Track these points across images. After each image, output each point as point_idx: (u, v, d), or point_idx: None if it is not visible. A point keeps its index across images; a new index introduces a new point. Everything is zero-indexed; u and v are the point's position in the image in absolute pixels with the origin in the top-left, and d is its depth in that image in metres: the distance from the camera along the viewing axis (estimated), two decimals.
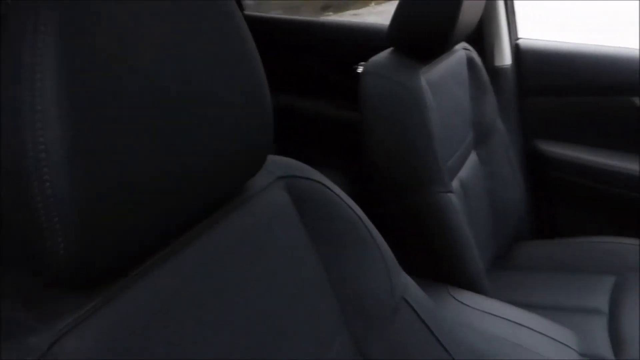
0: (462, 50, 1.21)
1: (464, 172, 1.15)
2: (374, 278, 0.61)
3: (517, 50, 1.42)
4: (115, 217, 0.35)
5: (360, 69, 1.48)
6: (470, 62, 1.22)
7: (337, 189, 0.61)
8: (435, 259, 1.01)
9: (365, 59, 1.09)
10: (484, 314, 0.85)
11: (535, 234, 1.44)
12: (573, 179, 1.39)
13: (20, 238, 0.34)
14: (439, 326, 0.65)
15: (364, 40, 1.55)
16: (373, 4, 7.83)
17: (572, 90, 1.38)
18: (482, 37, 1.40)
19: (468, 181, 1.15)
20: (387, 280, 0.62)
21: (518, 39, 1.44)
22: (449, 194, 0.99)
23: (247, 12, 1.79)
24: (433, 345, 0.64)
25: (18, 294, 0.37)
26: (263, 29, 0.44)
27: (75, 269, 0.34)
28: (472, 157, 1.22)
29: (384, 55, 1.05)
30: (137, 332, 0.38)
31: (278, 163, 0.57)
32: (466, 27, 1.08)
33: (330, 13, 7.23)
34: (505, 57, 1.41)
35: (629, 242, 1.23)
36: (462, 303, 0.87)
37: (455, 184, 1.09)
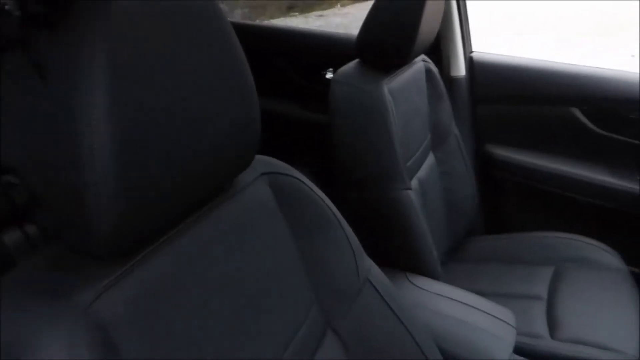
0: (421, 62, 1.31)
1: (423, 171, 1.25)
2: (342, 261, 0.70)
3: (470, 62, 1.53)
4: (141, 204, 0.43)
5: (328, 75, 1.57)
6: (428, 72, 1.32)
7: (312, 184, 0.70)
8: (395, 250, 1.11)
9: (332, 66, 1.17)
10: (436, 296, 0.95)
11: (486, 229, 1.55)
12: (519, 179, 1.51)
13: (68, 219, 0.42)
14: (398, 305, 0.75)
15: (331, 48, 1.64)
16: (338, 5, 7.88)
17: (520, 99, 1.49)
18: (439, 50, 1.50)
19: (426, 180, 1.25)
20: (353, 263, 0.71)
21: (472, 52, 1.55)
22: (407, 191, 1.08)
23: None
24: (393, 321, 0.74)
25: (63, 263, 0.45)
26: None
27: (111, 244, 0.43)
28: (430, 158, 1.32)
29: (351, 66, 1.14)
30: (154, 293, 0.48)
31: (262, 161, 0.66)
32: (424, 43, 1.18)
33: (296, 13, 7.23)
34: (460, 69, 1.52)
35: (567, 236, 1.36)
36: (418, 287, 0.97)
37: (414, 182, 1.18)
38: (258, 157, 0.65)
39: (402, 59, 1.15)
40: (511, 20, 5.98)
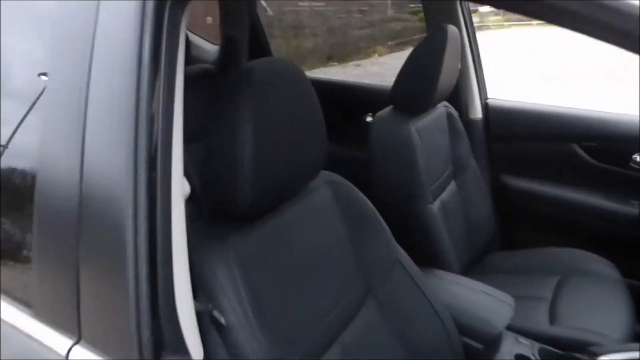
0: (443, 107, 1.61)
1: (445, 195, 1.53)
2: (379, 245, 0.99)
3: (486, 107, 1.82)
4: (263, 190, 0.76)
5: (369, 119, 1.90)
6: (449, 116, 1.62)
7: (359, 192, 1.01)
8: (420, 253, 1.36)
9: (371, 111, 1.46)
10: (451, 282, 1.21)
11: (502, 246, 1.77)
12: (529, 204, 1.76)
13: (225, 196, 0.74)
14: (421, 281, 1.02)
15: (370, 97, 1.98)
16: (376, 55, 8.24)
17: (528, 137, 1.76)
18: (459, 97, 1.79)
19: (448, 203, 1.53)
20: (387, 247, 1.00)
21: (487, 98, 1.84)
22: (430, 205, 1.37)
23: None
24: (417, 293, 1.01)
25: (217, 221, 0.78)
26: None
27: (246, 212, 0.75)
28: (452, 185, 1.60)
29: (386, 111, 1.46)
30: (268, 243, 0.79)
31: (325, 173, 0.97)
32: (444, 91, 1.49)
33: (335, 63, 7.62)
34: (477, 112, 1.80)
35: (571, 251, 1.58)
36: (437, 276, 1.25)
37: (437, 203, 1.46)
38: (323, 171, 0.96)
39: (426, 105, 1.46)
40: (535, 66, 6.14)
